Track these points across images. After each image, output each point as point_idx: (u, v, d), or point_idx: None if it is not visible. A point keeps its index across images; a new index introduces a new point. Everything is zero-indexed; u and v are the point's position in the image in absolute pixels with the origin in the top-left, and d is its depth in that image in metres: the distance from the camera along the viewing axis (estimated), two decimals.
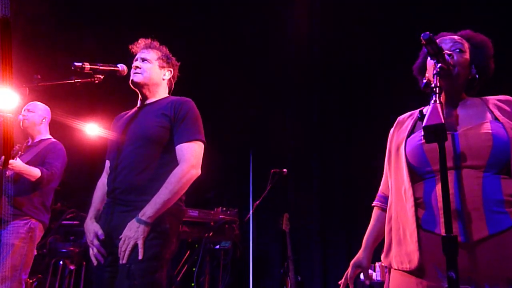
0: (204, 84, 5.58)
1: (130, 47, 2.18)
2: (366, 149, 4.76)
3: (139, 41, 2.19)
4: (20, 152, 2.94)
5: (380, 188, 1.79)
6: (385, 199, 1.70)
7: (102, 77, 2.02)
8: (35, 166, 3.03)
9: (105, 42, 5.19)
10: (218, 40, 5.63)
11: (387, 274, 1.56)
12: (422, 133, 1.13)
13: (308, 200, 4.92)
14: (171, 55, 2.23)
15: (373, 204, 1.80)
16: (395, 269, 1.43)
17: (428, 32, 1.24)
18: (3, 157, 2.87)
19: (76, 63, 1.94)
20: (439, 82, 1.24)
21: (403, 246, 1.39)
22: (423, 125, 1.10)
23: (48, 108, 3.39)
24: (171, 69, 2.21)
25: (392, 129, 1.66)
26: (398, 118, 1.67)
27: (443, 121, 1.07)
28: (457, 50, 1.47)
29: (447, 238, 1.05)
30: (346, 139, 4.95)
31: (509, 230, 1.25)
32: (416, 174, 1.43)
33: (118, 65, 2.07)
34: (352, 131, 4.92)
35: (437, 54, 1.29)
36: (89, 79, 2.01)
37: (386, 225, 1.53)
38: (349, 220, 4.71)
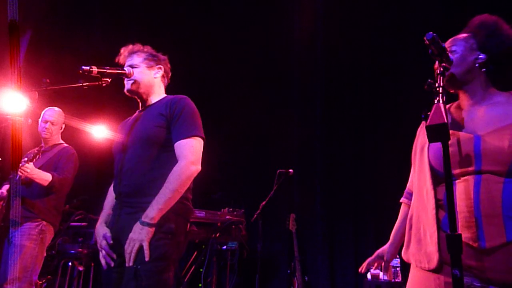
0: (209, 84, 5.60)
1: (116, 60, 2.18)
2: (373, 149, 4.76)
3: (121, 51, 2.18)
4: (38, 156, 2.98)
5: (408, 184, 1.77)
6: (411, 195, 1.69)
7: (109, 80, 2.04)
8: (47, 170, 3.09)
9: (112, 45, 5.22)
10: (222, 38, 5.64)
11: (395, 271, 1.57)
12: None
13: (315, 200, 4.92)
14: (155, 52, 2.20)
15: (400, 201, 1.80)
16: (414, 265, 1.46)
17: (431, 32, 1.25)
18: (22, 160, 2.92)
19: (83, 67, 1.96)
20: (443, 83, 1.25)
21: (422, 246, 1.40)
22: (426, 125, 1.11)
23: (63, 113, 3.45)
24: (161, 66, 2.19)
25: (419, 127, 1.64)
26: None
27: (445, 121, 1.07)
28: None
29: (451, 237, 1.06)
30: (352, 139, 4.94)
31: None
32: (438, 176, 1.41)
33: (125, 68, 2.09)
34: (359, 130, 4.92)
35: (441, 54, 1.30)
36: (97, 82, 2.02)
37: (407, 222, 1.54)
38: (356, 220, 4.71)
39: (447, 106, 1.54)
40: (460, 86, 1.47)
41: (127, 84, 2.09)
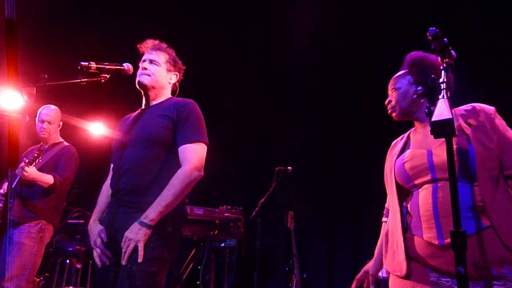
0: (208, 82, 5.59)
1: (138, 46, 2.16)
2: (372, 148, 4.76)
3: (147, 42, 2.16)
4: (38, 160, 2.97)
5: (386, 204, 1.98)
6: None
7: (108, 76, 2.02)
8: (48, 170, 3.09)
9: (110, 41, 5.20)
10: (222, 38, 5.63)
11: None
12: (431, 128, 1.15)
13: (313, 198, 4.92)
14: (177, 58, 2.20)
15: (382, 220, 2.02)
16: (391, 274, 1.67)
17: (434, 28, 1.27)
18: (22, 163, 2.91)
19: (82, 63, 1.94)
20: (446, 78, 1.26)
21: (396, 257, 1.62)
22: (432, 120, 1.12)
23: (60, 111, 3.42)
24: (177, 73, 2.20)
25: (388, 152, 1.89)
26: (392, 142, 1.91)
27: (451, 117, 1.08)
28: (393, 91, 1.77)
29: (455, 233, 1.06)
30: (351, 137, 4.94)
31: (476, 233, 1.41)
32: (405, 189, 1.66)
33: (124, 64, 2.07)
34: (358, 128, 4.91)
35: (443, 49, 1.31)
36: (95, 79, 2.01)
37: (384, 237, 1.77)
38: (354, 217, 4.71)
39: (408, 132, 1.82)
40: (409, 115, 1.74)
41: (142, 76, 2.07)
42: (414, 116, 1.73)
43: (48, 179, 3.04)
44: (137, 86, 2.10)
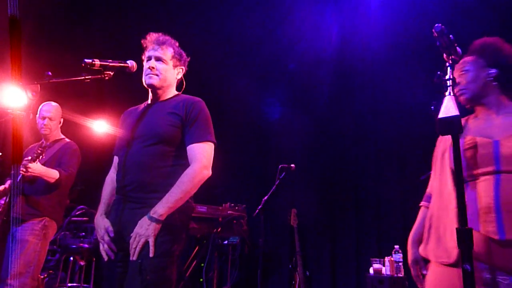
0: (211, 79, 5.59)
1: (142, 41, 2.13)
2: (374, 144, 4.75)
3: (151, 35, 2.13)
4: (42, 156, 2.97)
5: (428, 189, 1.88)
6: (430, 199, 1.79)
7: (112, 73, 2.01)
8: (51, 167, 3.07)
9: (113, 38, 5.20)
10: (225, 34, 5.62)
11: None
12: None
13: (316, 195, 4.92)
14: (182, 51, 2.17)
15: (420, 204, 1.90)
16: (432, 261, 1.58)
17: (439, 24, 1.25)
18: (25, 161, 2.91)
19: (86, 60, 1.93)
20: (452, 74, 1.25)
21: (442, 243, 1.53)
22: (438, 117, 1.11)
23: (60, 108, 3.42)
24: (183, 67, 2.18)
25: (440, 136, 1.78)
26: None
27: (458, 113, 1.07)
28: (462, 74, 1.65)
29: (462, 231, 1.05)
30: (355, 134, 4.94)
31: None
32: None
33: (128, 61, 2.06)
34: (362, 125, 4.91)
35: (449, 46, 1.30)
36: (99, 76, 2.00)
37: (427, 222, 1.67)
38: (357, 215, 4.71)
39: (464, 118, 1.70)
40: (478, 100, 1.64)
41: (150, 78, 2.05)
42: (482, 101, 1.64)
43: (53, 173, 3.04)
44: (145, 85, 2.09)
